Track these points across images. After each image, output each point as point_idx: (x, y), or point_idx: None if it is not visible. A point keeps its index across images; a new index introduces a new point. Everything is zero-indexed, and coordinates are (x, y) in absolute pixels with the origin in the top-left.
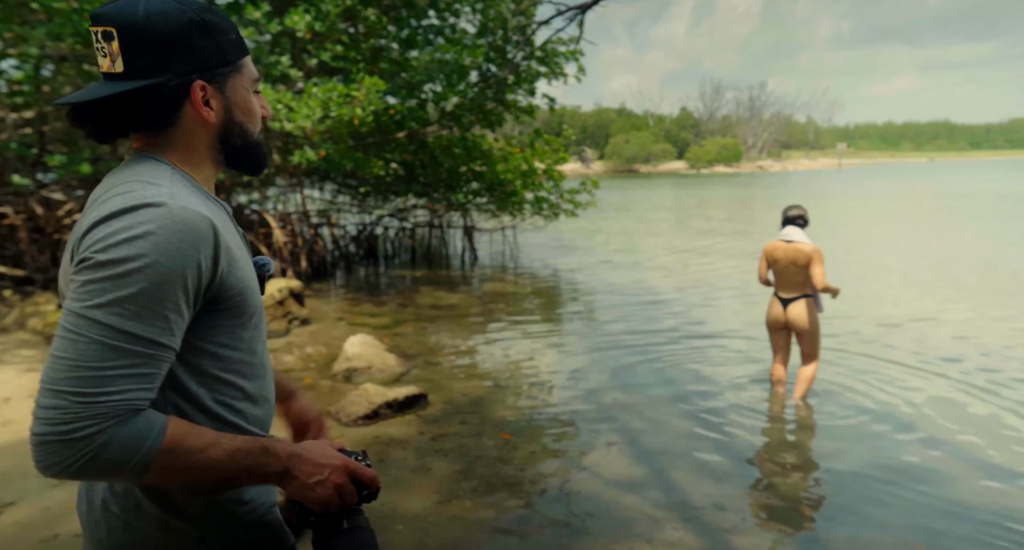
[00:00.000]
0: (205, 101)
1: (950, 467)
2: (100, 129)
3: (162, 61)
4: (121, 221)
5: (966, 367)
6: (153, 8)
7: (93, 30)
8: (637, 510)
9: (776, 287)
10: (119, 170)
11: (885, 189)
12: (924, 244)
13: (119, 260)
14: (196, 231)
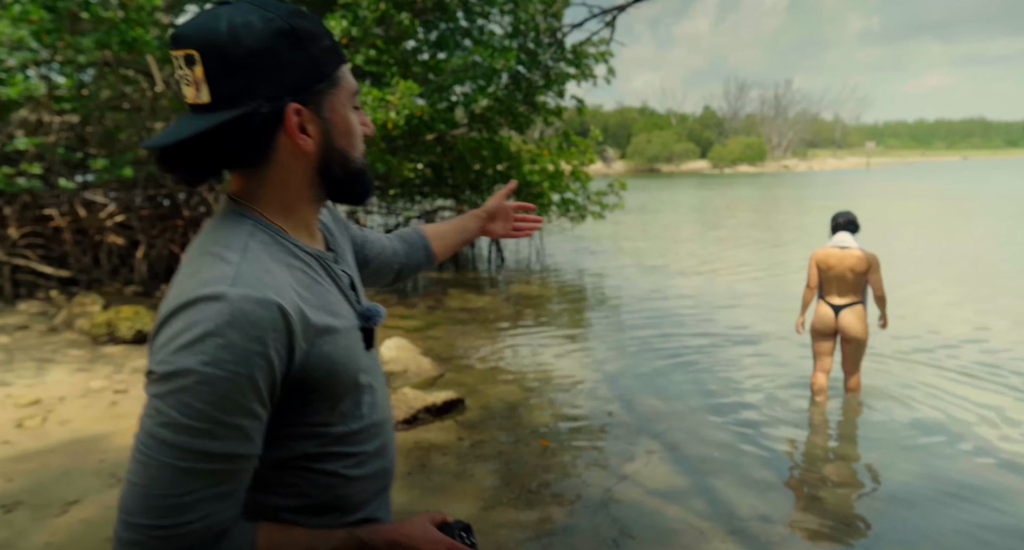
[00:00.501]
0: (301, 127)
1: (1005, 482)
2: (191, 173)
3: (251, 85)
4: (180, 320)
5: (1016, 375)
6: (237, 21)
7: (174, 55)
8: (682, 520)
9: (825, 293)
10: (206, 229)
11: (918, 190)
12: (963, 249)
13: (180, 372)
14: (261, 324)
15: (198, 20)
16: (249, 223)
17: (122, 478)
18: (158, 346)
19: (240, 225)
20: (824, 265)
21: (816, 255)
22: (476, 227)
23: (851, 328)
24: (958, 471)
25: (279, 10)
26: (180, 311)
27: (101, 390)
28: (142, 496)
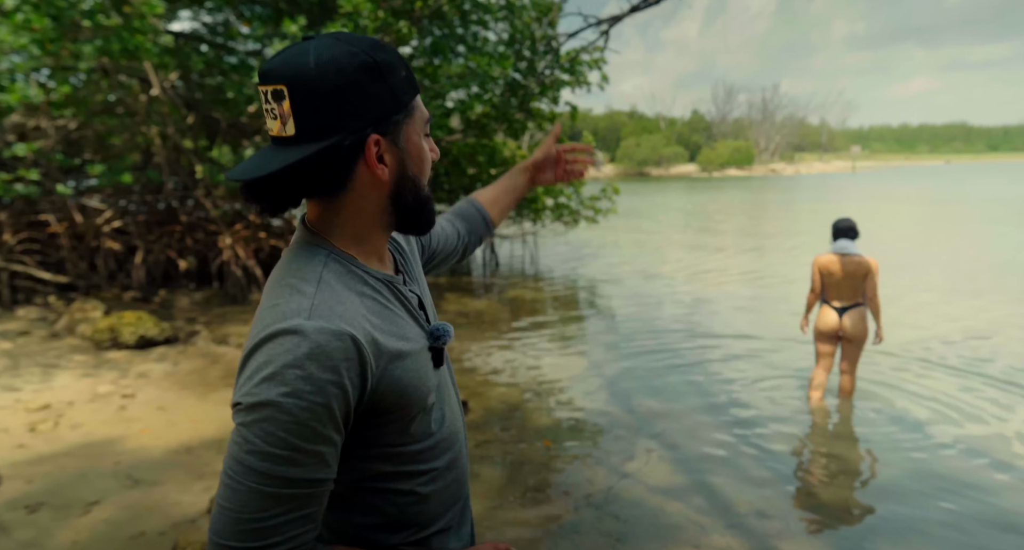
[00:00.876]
0: (379, 157)
1: (994, 477)
2: (273, 202)
3: (336, 118)
4: (262, 354)
5: (1006, 374)
6: (324, 56)
7: (262, 89)
8: (683, 516)
9: (828, 297)
10: (285, 258)
11: (904, 194)
12: (951, 252)
13: (263, 404)
14: (336, 355)
15: (285, 55)
16: (323, 253)
17: (139, 479)
18: (244, 379)
19: (315, 255)
20: (826, 271)
21: (819, 261)
22: (525, 181)
23: (854, 329)
24: (945, 466)
25: (362, 44)
26: (262, 345)
27: (109, 395)
28: (232, 520)
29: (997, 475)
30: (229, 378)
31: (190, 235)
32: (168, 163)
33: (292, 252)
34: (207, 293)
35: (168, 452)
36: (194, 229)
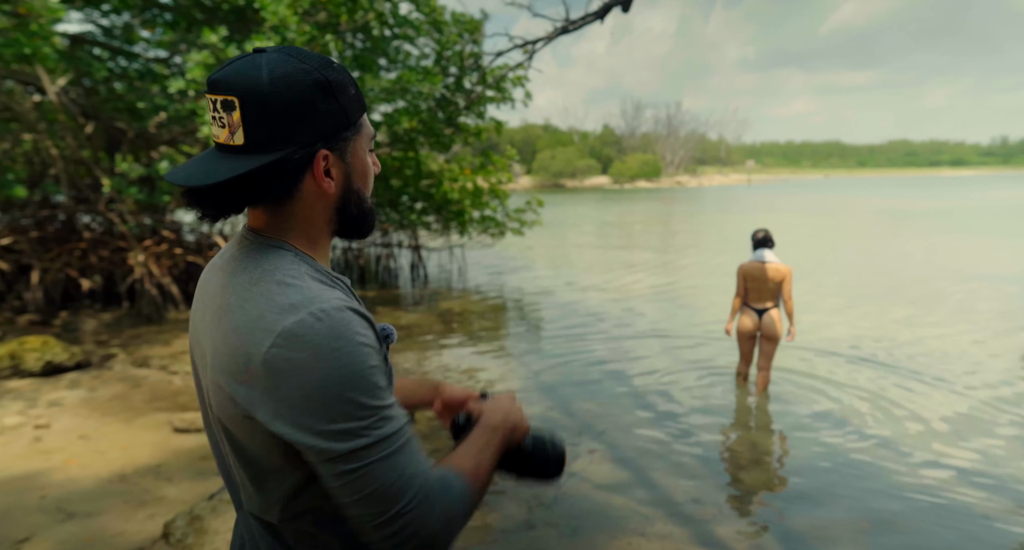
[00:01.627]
0: (326, 171)
1: (887, 456)
2: (217, 209)
3: (287, 132)
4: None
5: (902, 367)
6: (277, 72)
7: (211, 98)
8: (627, 508)
9: (749, 301)
10: (246, 262)
11: (793, 204)
12: (846, 258)
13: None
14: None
15: (237, 66)
16: (291, 253)
17: (72, 512)
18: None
19: (283, 255)
20: (749, 276)
21: (742, 268)
22: (424, 396)
23: (771, 328)
24: (849, 447)
25: (314, 62)
26: (284, 343)
27: (18, 427)
28: (379, 497)
29: (885, 454)
30: (157, 402)
31: (94, 252)
32: (67, 175)
33: (255, 255)
34: (116, 313)
35: (101, 481)
36: (99, 245)
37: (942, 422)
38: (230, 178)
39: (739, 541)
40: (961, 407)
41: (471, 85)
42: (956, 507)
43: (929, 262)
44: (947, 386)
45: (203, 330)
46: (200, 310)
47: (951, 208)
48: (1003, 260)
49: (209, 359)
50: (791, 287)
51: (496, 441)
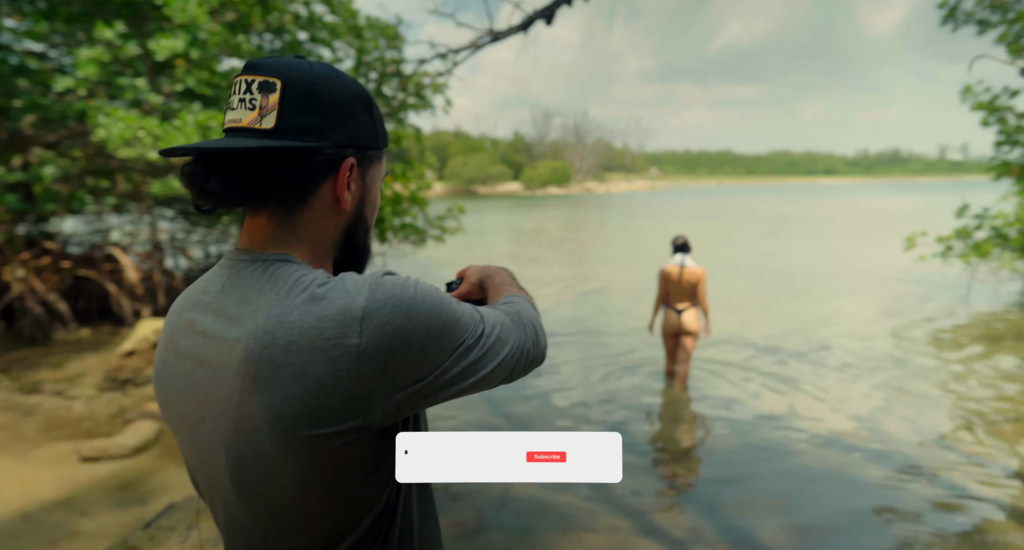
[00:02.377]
0: (348, 183)
1: (797, 437)
2: (226, 190)
3: (323, 127)
4: (385, 320)
5: (808, 357)
6: (326, 71)
7: (246, 78)
8: (573, 505)
9: (670, 301)
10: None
11: (694, 210)
12: (750, 259)
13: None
14: (406, 281)
15: (284, 59)
16: (305, 267)
17: None
18: (398, 345)
19: (299, 267)
20: (669, 279)
21: (663, 271)
22: None
23: (691, 325)
24: (763, 429)
25: (357, 83)
26: (370, 324)
27: None
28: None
29: (799, 435)
30: (56, 430)
31: None
32: None
33: (267, 273)
34: None
35: (2, 523)
36: None
37: (837, 402)
38: (258, 148)
39: (677, 527)
40: (850, 387)
41: (392, 92)
42: (851, 476)
43: (816, 260)
44: (839, 369)
45: (212, 379)
46: (191, 360)
47: (828, 213)
48: (873, 258)
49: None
50: (706, 288)
51: (492, 272)
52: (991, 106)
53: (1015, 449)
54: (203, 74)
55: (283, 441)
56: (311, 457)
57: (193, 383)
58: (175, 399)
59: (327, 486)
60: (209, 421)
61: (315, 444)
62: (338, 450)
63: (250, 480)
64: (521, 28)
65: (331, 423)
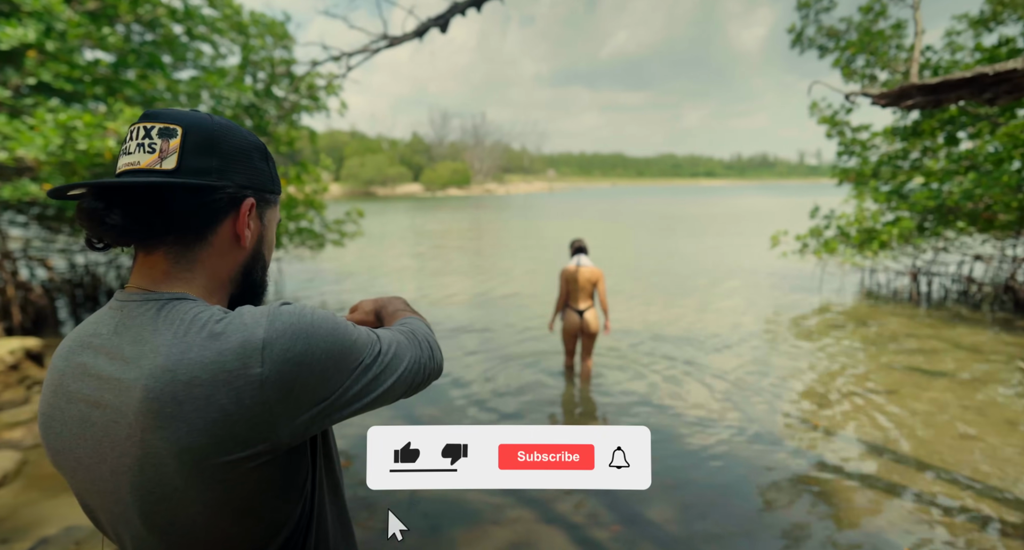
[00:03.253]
0: (247, 222)
1: (682, 425)
2: (131, 222)
3: (224, 168)
4: (286, 348)
5: (688, 345)
6: (224, 123)
7: (145, 125)
8: (480, 502)
9: (571, 302)
10: (155, 324)
11: (591, 210)
12: (641, 259)
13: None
14: (301, 310)
15: (183, 111)
16: (200, 303)
17: None
18: (299, 371)
19: (194, 304)
20: (570, 279)
21: (564, 272)
22: None
23: (592, 325)
24: (649, 420)
25: (253, 133)
26: (271, 354)
27: None
28: (413, 360)
29: (683, 420)
30: None
31: None
32: None
33: (162, 312)
34: None
35: None
36: None
37: (715, 388)
38: (162, 183)
39: (576, 514)
40: (726, 374)
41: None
42: (728, 454)
43: (698, 257)
44: (716, 357)
45: (109, 420)
46: (85, 403)
47: (709, 213)
48: (746, 255)
49: (143, 447)
50: (604, 287)
51: (385, 302)
52: (832, 121)
53: (860, 421)
54: (60, 67)
55: (193, 471)
56: (222, 483)
57: (89, 426)
58: (68, 442)
59: (240, 508)
60: (110, 461)
61: (225, 470)
62: (249, 473)
63: (160, 513)
64: (416, 34)
65: (239, 449)
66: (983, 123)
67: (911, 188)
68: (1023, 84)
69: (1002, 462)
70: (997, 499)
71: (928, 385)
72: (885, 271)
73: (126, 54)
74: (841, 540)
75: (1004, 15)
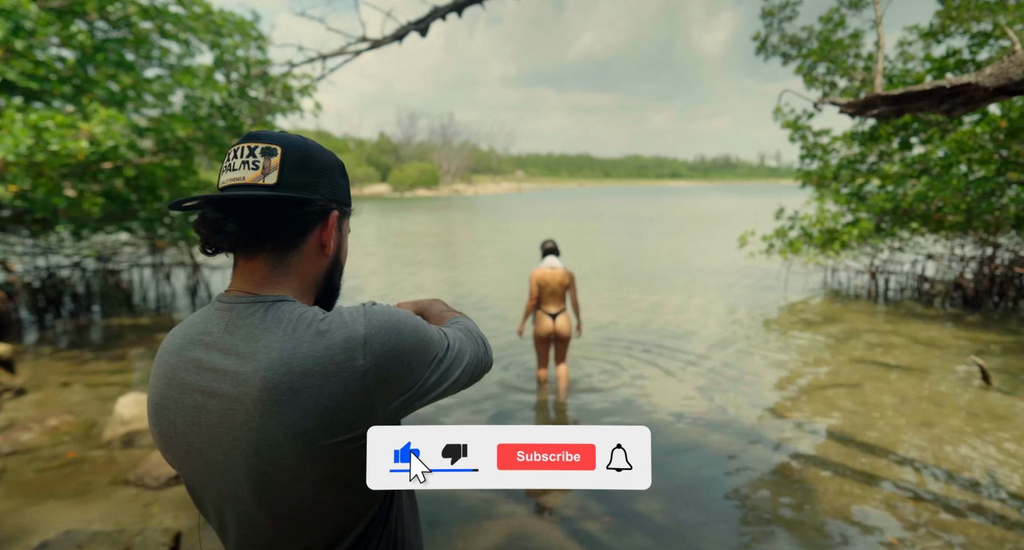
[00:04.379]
0: (332, 232)
1: (662, 421)
2: (244, 230)
3: (316, 184)
4: (383, 343)
5: (660, 344)
6: (313, 144)
7: (248, 145)
8: (473, 497)
9: (543, 305)
10: (265, 322)
11: (559, 210)
12: (610, 257)
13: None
14: (392, 309)
15: (279, 133)
16: (302, 305)
17: None
18: (393, 362)
19: (297, 306)
20: (542, 282)
21: (535, 274)
22: None
23: (564, 329)
24: (630, 416)
25: (334, 154)
26: (371, 347)
27: None
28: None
29: (662, 415)
30: None
31: None
32: None
33: (270, 313)
34: None
35: None
36: None
37: (691, 384)
38: (271, 196)
39: (566, 507)
40: (701, 370)
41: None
42: (707, 448)
43: (668, 257)
44: (690, 355)
45: (226, 408)
46: (201, 393)
47: (675, 214)
48: (713, 255)
49: (261, 432)
50: (576, 288)
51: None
52: (795, 125)
53: (830, 413)
54: (25, 65)
55: (304, 452)
56: (329, 462)
57: (204, 413)
58: (181, 428)
59: (343, 484)
60: (224, 445)
61: (333, 450)
62: (351, 454)
63: (272, 490)
64: (396, 38)
65: (345, 432)
66: (933, 130)
67: (869, 190)
68: (977, 96)
69: (958, 447)
70: (954, 481)
71: (889, 378)
72: (846, 270)
73: (93, 52)
74: (818, 525)
75: (952, 28)
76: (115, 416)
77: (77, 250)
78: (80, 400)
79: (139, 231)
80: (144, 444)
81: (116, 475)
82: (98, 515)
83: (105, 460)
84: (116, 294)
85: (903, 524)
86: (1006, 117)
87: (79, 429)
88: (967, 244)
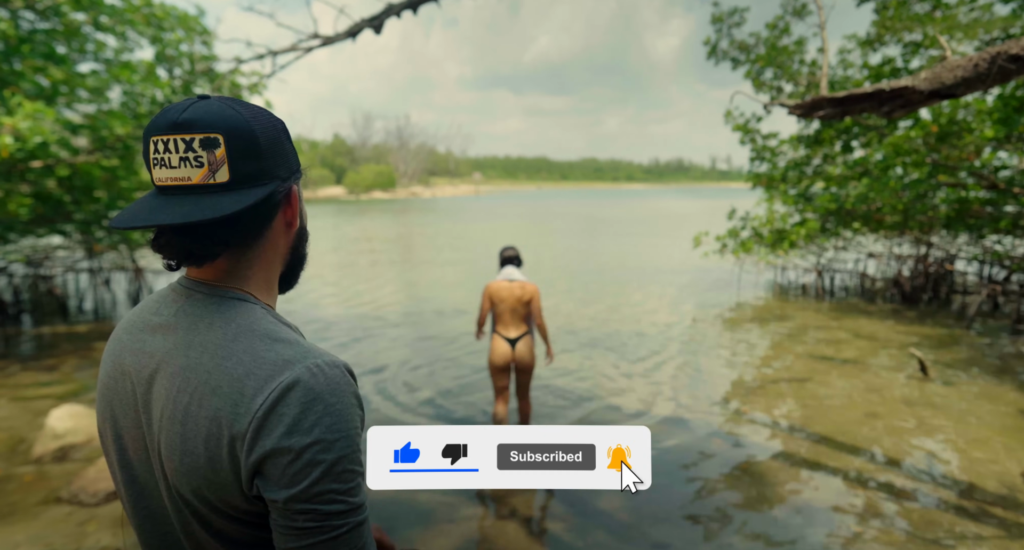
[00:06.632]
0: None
1: (623, 419)
2: (213, 244)
3: (271, 168)
4: (286, 405)
5: (619, 345)
6: (250, 113)
7: (183, 138)
8: (433, 502)
9: (499, 326)
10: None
11: (518, 213)
12: (569, 260)
13: (314, 446)
14: (348, 385)
15: (207, 107)
16: (259, 307)
17: None
18: (274, 432)
19: (253, 309)
20: (497, 297)
21: (489, 288)
22: None
23: (527, 358)
24: (593, 415)
25: (274, 114)
26: (278, 399)
27: None
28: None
29: (625, 414)
30: None
31: None
32: None
33: (220, 309)
34: None
35: None
36: None
37: (650, 382)
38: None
39: (528, 507)
40: (659, 369)
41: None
42: (666, 445)
43: (627, 258)
44: (648, 353)
45: (148, 398)
46: (132, 376)
47: (631, 216)
48: (669, 255)
49: (172, 427)
50: (540, 306)
51: None
52: (745, 128)
53: (782, 406)
54: None
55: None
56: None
57: (132, 396)
58: (119, 417)
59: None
60: (154, 442)
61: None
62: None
63: (197, 502)
64: (349, 35)
65: (228, 466)
66: (872, 134)
67: (815, 192)
68: (914, 99)
69: (901, 436)
70: (899, 469)
71: (836, 371)
72: (795, 268)
73: (18, 43)
74: (774, 515)
75: (887, 38)
76: (46, 430)
77: (3, 254)
78: (5, 415)
79: (74, 234)
80: (79, 458)
81: (47, 493)
82: (25, 537)
83: (35, 477)
84: (49, 302)
85: (852, 512)
86: (937, 122)
87: (4, 445)
88: (904, 243)
